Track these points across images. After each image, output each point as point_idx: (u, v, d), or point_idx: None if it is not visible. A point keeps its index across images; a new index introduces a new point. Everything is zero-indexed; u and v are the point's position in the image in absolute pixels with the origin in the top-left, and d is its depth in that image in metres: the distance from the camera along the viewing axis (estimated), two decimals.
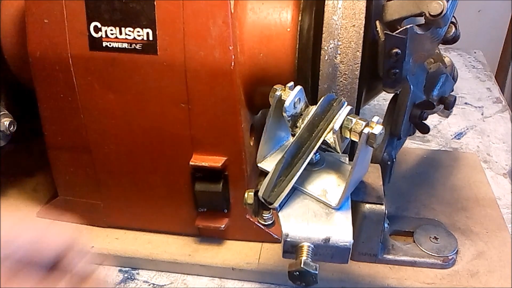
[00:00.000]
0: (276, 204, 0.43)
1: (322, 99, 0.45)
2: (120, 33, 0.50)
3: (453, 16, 0.50)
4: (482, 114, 0.94)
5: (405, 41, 0.48)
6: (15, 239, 0.32)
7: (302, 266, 0.40)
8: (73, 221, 0.60)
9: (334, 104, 0.46)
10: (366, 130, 0.41)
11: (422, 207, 0.66)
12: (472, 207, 0.67)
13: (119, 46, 0.50)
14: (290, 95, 0.45)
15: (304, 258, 0.41)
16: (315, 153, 0.46)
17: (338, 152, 0.45)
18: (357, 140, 0.42)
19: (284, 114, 0.45)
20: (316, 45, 0.51)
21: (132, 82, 0.52)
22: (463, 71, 1.09)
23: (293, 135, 0.48)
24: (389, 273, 0.57)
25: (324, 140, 0.45)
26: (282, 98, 0.46)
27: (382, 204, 0.50)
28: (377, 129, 0.41)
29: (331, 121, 0.45)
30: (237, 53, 0.51)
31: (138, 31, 0.49)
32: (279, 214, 0.43)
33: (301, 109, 0.47)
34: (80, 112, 0.54)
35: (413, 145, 0.84)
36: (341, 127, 0.43)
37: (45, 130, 0.57)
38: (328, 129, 0.45)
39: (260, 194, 0.43)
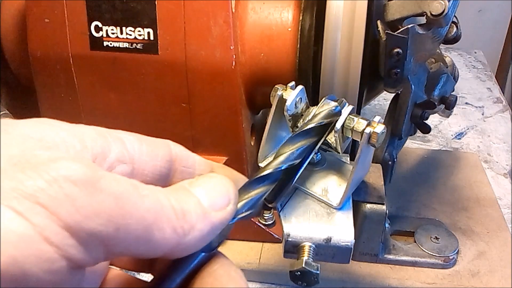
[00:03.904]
0: (276, 204, 0.43)
1: (323, 99, 0.45)
2: (121, 33, 0.50)
3: (454, 15, 0.50)
4: (482, 114, 0.94)
5: (406, 40, 0.48)
6: None
7: (303, 266, 0.40)
8: None
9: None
10: (368, 130, 0.41)
11: (423, 207, 0.66)
12: (473, 207, 0.67)
13: (120, 46, 0.50)
14: (292, 94, 0.45)
15: (305, 258, 0.41)
16: (316, 153, 0.46)
17: (339, 152, 0.45)
18: (358, 140, 0.42)
19: (285, 114, 0.45)
20: (317, 45, 0.51)
21: (133, 82, 0.52)
22: (464, 71, 1.09)
23: None
24: (390, 273, 0.57)
25: (325, 140, 0.45)
26: (284, 97, 0.45)
27: (383, 204, 0.50)
28: (379, 128, 0.41)
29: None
30: (238, 53, 0.51)
31: (139, 31, 0.49)
32: (280, 214, 0.43)
33: (301, 109, 0.47)
34: (81, 111, 0.54)
35: (414, 145, 0.83)
36: (342, 127, 0.43)
37: None
38: (329, 129, 0.45)
39: None
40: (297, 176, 0.39)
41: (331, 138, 0.45)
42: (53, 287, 0.20)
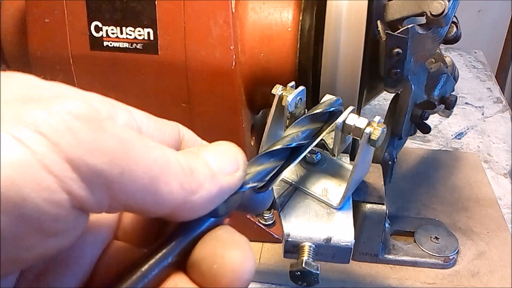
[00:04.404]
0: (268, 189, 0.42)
1: (324, 96, 0.45)
2: (121, 33, 0.50)
3: (454, 15, 0.50)
4: (482, 114, 0.94)
5: (406, 40, 0.48)
6: None
7: (303, 266, 0.40)
8: None
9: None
10: (368, 129, 0.41)
11: (423, 207, 0.66)
12: (473, 207, 0.67)
13: (120, 46, 0.50)
14: (293, 92, 0.45)
15: (305, 258, 0.41)
16: (316, 153, 0.46)
17: (334, 155, 0.45)
18: (358, 139, 0.42)
19: (286, 111, 0.45)
20: (317, 45, 0.51)
21: (133, 82, 0.52)
22: (464, 71, 1.09)
23: None
24: (390, 273, 0.57)
25: (323, 141, 0.45)
26: (284, 97, 0.46)
27: (383, 204, 0.50)
28: (379, 128, 0.41)
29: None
30: (238, 53, 0.51)
31: (139, 31, 0.49)
32: (280, 214, 0.43)
33: (300, 112, 0.47)
34: None
35: (414, 145, 0.84)
36: (343, 125, 0.43)
37: None
38: (329, 128, 0.45)
39: None
40: (291, 165, 0.38)
41: (328, 139, 0.45)
42: (56, 223, 0.19)
